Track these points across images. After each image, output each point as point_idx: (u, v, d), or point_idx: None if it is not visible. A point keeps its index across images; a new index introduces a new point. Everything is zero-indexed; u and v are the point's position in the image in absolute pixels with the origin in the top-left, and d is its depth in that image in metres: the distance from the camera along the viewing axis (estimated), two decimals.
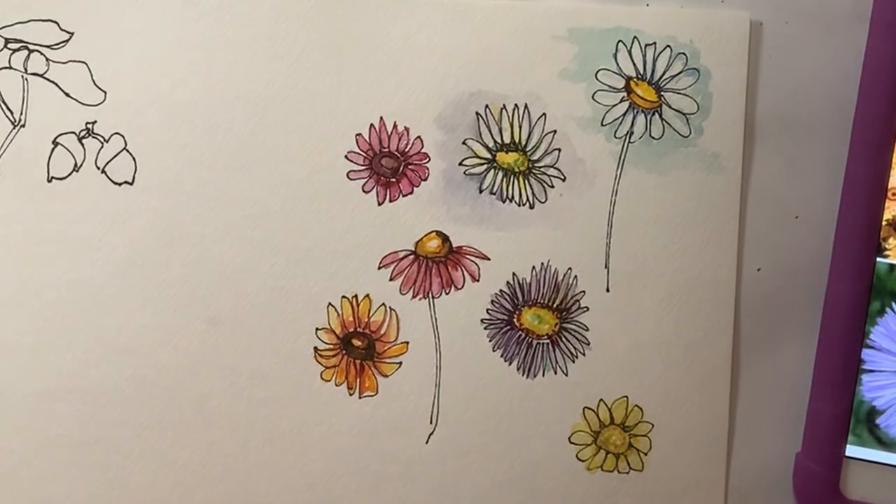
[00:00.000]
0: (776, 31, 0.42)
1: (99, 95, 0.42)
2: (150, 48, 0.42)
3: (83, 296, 0.42)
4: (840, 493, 0.43)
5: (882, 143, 0.41)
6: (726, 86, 0.42)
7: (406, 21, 0.42)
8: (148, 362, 0.43)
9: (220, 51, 0.42)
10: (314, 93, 0.42)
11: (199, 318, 0.43)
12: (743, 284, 0.43)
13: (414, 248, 0.43)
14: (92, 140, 0.42)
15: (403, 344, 0.43)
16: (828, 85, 0.42)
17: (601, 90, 0.42)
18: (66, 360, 0.42)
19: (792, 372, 0.43)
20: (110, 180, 0.42)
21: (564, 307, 0.43)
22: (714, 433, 0.43)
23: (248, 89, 0.42)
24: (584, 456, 0.43)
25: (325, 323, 0.43)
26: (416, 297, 0.43)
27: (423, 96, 0.43)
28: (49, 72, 0.42)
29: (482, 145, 0.43)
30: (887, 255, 0.42)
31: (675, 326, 0.43)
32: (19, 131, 0.42)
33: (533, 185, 0.43)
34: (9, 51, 0.42)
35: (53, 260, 0.42)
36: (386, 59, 0.42)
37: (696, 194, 0.43)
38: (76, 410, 0.43)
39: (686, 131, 0.42)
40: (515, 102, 0.43)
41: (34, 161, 0.42)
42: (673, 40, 0.42)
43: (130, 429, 0.43)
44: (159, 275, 0.43)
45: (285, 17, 0.42)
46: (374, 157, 0.43)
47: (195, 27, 0.42)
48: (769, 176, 0.43)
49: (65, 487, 0.43)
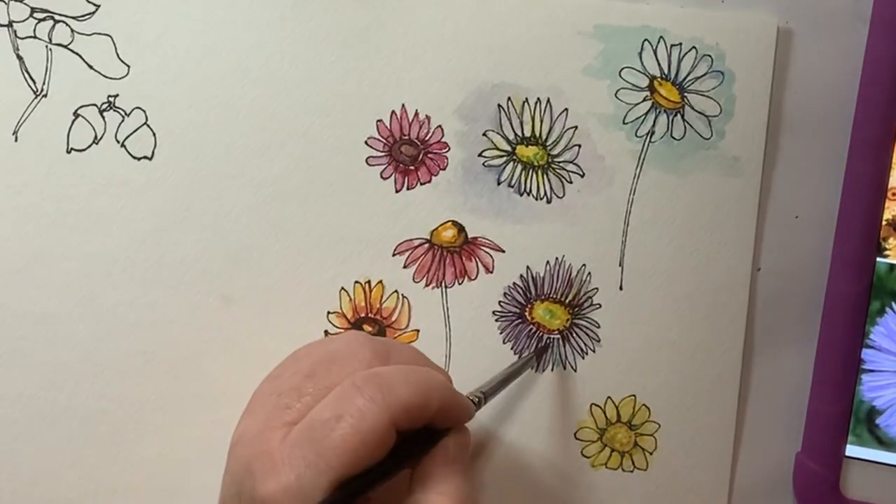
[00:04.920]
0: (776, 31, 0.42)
1: (122, 69, 0.42)
2: (176, 25, 0.42)
3: (97, 268, 0.43)
4: (840, 493, 0.43)
5: (882, 143, 0.41)
6: (750, 89, 0.42)
7: (433, 9, 0.42)
8: (158, 337, 0.43)
9: (245, 30, 0.42)
10: (337, 77, 0.42)
11: (212, 296, 0.43)
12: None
13: (429, 236, 0.43)
14: (113, 113, 0.42)
15: (414, 332, 0.43)
16: (828, 85, 0.42)
17: (624, 88, 0.42)
18: (77, 332, 0.43)
19: (792, 372, 0.43)
20: (129, 154, 0.43)
21: (577, 303, 0.43)
22: (720, 435, 0.43)
23: (271, 70, 0.42)
24: (590, 452, 0.44)
25: (338, 307, 0.43)
26: (429, 285, 0.43)
27: (446, 85, 0.43)
28: (73, 43, 0.42)
29: (502, 137, 0.43)
30: (887, 255, 0.42)
31: (687, 328, 0.43)
32: (41, 101, 0.42)
33: (551, 179, 0.43)
34: (34, 20, 0.42)
35: (69, 231, 0.42)
36: (411, 46, 0.42)
37: (715, 197, 0.43)
38: (85, 382, 0.43)
39: (707, 133, 0.42)
40: (538, 96, 0.43)
41: (54, 132, 0.42)
42: (699, 42, 0.42)
43: (138, 403, 0.43)
44: (174, 251, 0.43)
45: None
46: (394, 144, 0.43)
47: (221, 5, 0.42)
48: (769, 176, 0.43)
49: (70, 458, 0.43)
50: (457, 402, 0.35)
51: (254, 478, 0.32)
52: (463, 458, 0.35)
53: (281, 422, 0.34)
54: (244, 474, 0.33)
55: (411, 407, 0.33)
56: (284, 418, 0.34)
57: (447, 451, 0.34)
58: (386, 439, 0.32)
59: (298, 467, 0.31)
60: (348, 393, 0.32)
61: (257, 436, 0.34)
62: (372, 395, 0.32)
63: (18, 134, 0.42)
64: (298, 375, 0.35)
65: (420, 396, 0.33)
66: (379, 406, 0.32)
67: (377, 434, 0.32)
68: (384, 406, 0.32)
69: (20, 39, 0.42)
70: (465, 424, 0.36)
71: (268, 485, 0.32)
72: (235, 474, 0.34)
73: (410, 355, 0.37)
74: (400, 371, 0.34)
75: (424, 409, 0.33)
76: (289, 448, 0.32)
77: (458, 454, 0.34)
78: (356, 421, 0.31)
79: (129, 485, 0.43)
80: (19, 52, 0.42)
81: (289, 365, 0.37)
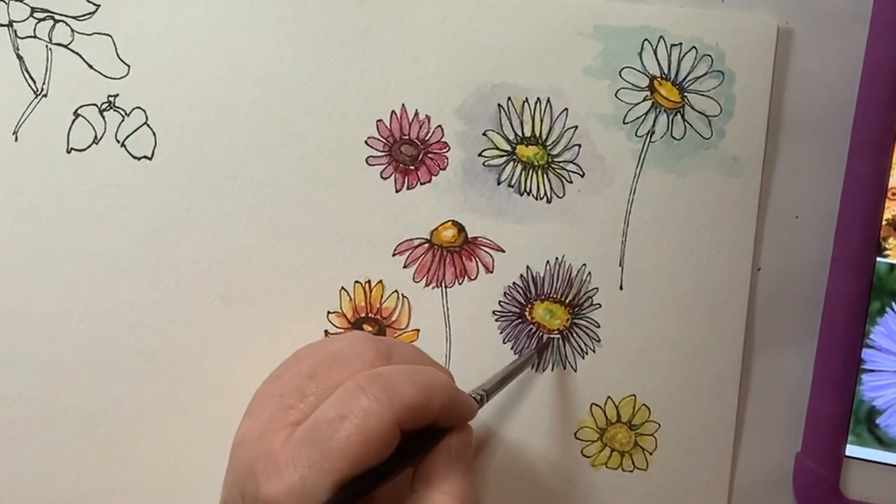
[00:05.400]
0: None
1: (122, 69, 0.42)
2: (176, 25, 0.42)
3: (97, 268, 0.42)
4: (840, 493, 0.43)
5: (882, 143, 0.41)
6: (750, 89, 0.42)
7: (433, 9, 0.42)
8: (158, 337, 0.43)
9: (246, 30, 0.42)
10: (337, 77, 0.42)
11: (212, 297, 0.43)
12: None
13: (429, 236, 0.43)
14: (113, 113, 0.42)
15: (414, 332, 0.43)
16: (828, 85, 0.42)
17: (624, 88, 0.42)
18: (78, 332, 0.43)
19: (792, 372, 0.43)
20: (129, 154, 0.42)
21: (577, 303, 0.43)
22: (720, 435, 0.43)
23: (271, 70, 0.42)
24: (590, 452, 0.44)
25: (338, 307, 0.43)
26: (429, 285, 0.43)
27: (446, 85, 0.43)
28: (73, 43, 0.42)
29: (502, 137, 0.43)
30: (887, 255, 0.42)
31: (687, 328, 0.43)
32: (41, 101, 0.42)
33: (551, 179, 0.43)
34: (34, 20, 0.42)
35: (69, 231, 0.42)
36: (411, 46, 0.42)
37: (715, 196, 0.43)
38: (85, 382, 0.43)
39: (708, 133, 0.42)
40: (538, 96, 0.43)
41: (54, 131, 0.42)
42: (699, 42, 0.42)
43: (137, 403, 0.43)
44: (174, 251, 0.43)
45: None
46: (394, 144, 0.43)
47: (221, 6, 0.42)
48: (769, 176, 0.43)
49: (69, 458, 0.43)
50: (459, 400, 0.35)
51: (257, 479, 0.32)
52: (466, 456, 0.35)
53: (284, 422, 0.34)
54: (247, 475, 0.33)
55: (415, 406, 0.33)
56: (287, 419, 0.34)
57: (450, 450, 0.34)
58: (390, 439, 0.32)
59: (302, 468, 0.31)
60: (352, 393, 0.32)
61: (260, 437, 0.34)
62: (376, 395, 0.32)
63: (18, 134, 0.42)
64: (301, 376, 0.35)
65: (424, 396, 0.33)
66: (383, 406, 0.32)
67: (382, 434, 0.32)
68: (388, 406, 0.32)
69: (20, 39, 0.42)
70: (468, 423, 0.36)
71: (271, 486, 0.31)
72: (238, 475, 0.34)
73: (412, 354, 0.37)
74: (403, 371, 0.34)
75: (428, 409, 0.33)
76: (292, 449, 0.32)
77: (461, 453, 0.34)
78: (360, 421, 0.31)
79: (129, 485, 0.43)
80: (19, 51, 0.42)
81: (290, 365, 0.37)
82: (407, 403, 0.32)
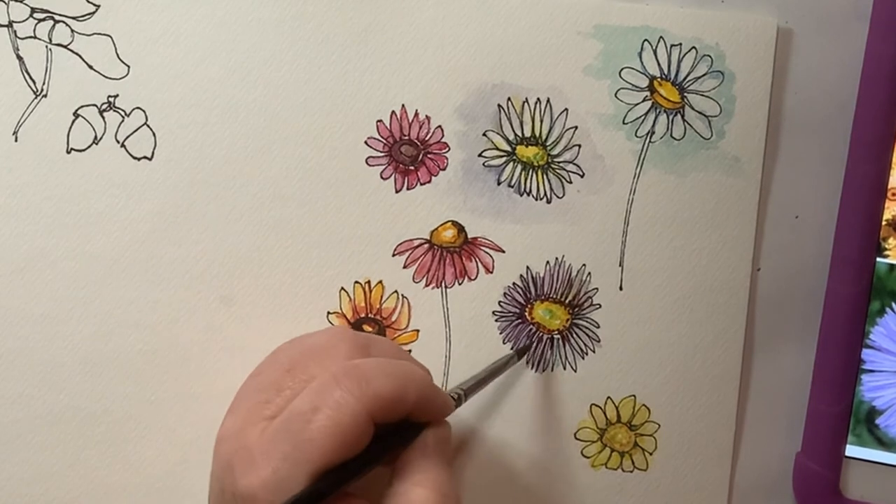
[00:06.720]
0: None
1: (122, 69, 0.42)
2: (176, 25, 0.42)
3: (97, 268, 0.43)
4: (840, 493, 0.43)
5: (882, 143, 0.41)
6: (750, 89, 0.42)
7: (432, 9, 0.42)
8: (159, 337, 0.43)
9: (245, 31, 0.42)
10: (337, 77, 0.42)
11: (212, 297, 0.43)
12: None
13: (429, 236, 0.43)
14: (113, 113, 0.42)
15: (414, 332, 0.43)
16: (828, 85, 0.42)
17: (624, 88, 0.42)
18: (78, 332, 0.43)
19: (792, 372, 0.43)
20: (129, 155, 0.43)
21: (577, 303, 0.43)
22: (720, 435, 0.43)
23: (271, 70, 0.42)
24: (590, 452, 0.44)
25: (337, 307, 0.43)
26: (428, 285, 0.43)
27: (446, 86, 0.43)
28: (73, 43, 0.42)
29: (502, 137, 0.43)
30: (887, 255, 0.42)
31: (687, 328, 0.43)
32: (41, 101, 0.42)
33: (551, 179, 0.43)
34: (34, 20, 0.42)
35: (69, 231, 0.42)
36: (410, 46, 0.42)
37: (715, 197, 0.43)
38: (85, 382, 0.43)
39: (708, 133, 0.42)
40: (538, 96, 0.43)
41: (54, 132, 0.42)
42: (699, 42, 0.42)
43: (138, 402, 0.43)
44: (174, 251, 0.43)
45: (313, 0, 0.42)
46: (394, 144, 0.43)
47: (221, 6, 0.42)
48: (769, 176, 0.43)
49: (70, 458, 0.43)
50: (435, 395, 0.35)
51: (234, 473, 0.32)
52: (443, 450, 0.35)
53: (260, 416, 0.34)
54: (225, 470, 0.33)
55: (389, 398, 0.32)
56: (264, 413, 0.34)
57: (426, 444, 0.34)
58: (363, 431, 0.32)
59: (276, 460, 0.31)
60: (326, 385, 0.32)
61: (238, 432, 0.34)
62: (349, 388, 0.32)
63: (18, 134, 0.42)
64: (279, 371, 0.35)
65: (397, 389, 0.33)
66: (356, 398, 0.32)
67: (354, 426, 0.32)
68: (361, 398, 0.32)
69: (20, 39, 0.42)
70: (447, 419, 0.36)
71: (247, 479, 0.32)
72: (218, 471, 0.34)
73: (391, 349, 0.37)
74: (379, 363, 0.34)
75: (402, 402, 0.33)
76: (267, 442, 0.32)
77: (438, 447, 0.34)
78: (333, 413, 0.31)
79: (129, 485, 0.43)
80: (19, 52, 0.42)
81: (270, 361, 0.37)
82: (381, 395, 0.32)
